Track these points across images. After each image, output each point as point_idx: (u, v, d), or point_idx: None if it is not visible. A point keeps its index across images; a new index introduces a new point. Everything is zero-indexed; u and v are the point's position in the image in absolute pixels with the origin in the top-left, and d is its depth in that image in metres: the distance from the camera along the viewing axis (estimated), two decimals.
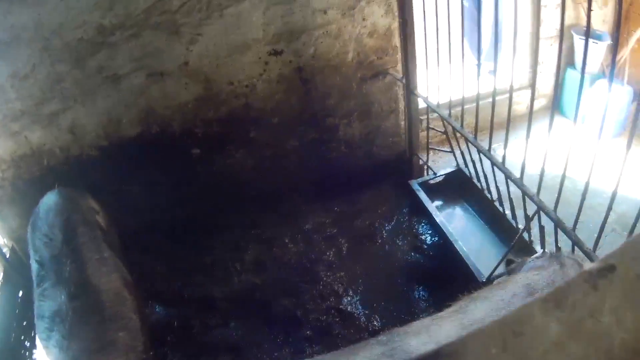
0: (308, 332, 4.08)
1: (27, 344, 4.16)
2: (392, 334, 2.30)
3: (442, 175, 4.78)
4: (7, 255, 4.65)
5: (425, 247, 4.53)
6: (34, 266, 3.37)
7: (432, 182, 4.79)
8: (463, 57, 3.72)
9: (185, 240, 5.04)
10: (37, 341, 3.04)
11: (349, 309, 4.18)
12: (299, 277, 4.52)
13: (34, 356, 3.23)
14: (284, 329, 4.14)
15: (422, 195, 4.57)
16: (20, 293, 4.57)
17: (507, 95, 3.36)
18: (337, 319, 4.13)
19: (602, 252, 2.93)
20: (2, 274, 4.55)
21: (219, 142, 4.81)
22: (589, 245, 2.93)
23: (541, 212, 3.19)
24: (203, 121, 4.65)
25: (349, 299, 4.28)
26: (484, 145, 3.72)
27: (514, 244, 3.39)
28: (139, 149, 4.61)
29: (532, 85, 3.11)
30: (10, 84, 4.00)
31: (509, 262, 3.22)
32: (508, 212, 3.95)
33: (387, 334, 2.31)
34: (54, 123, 4.29)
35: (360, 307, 4.20)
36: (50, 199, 3.65)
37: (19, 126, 4.19)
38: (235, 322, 4.29)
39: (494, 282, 3.30)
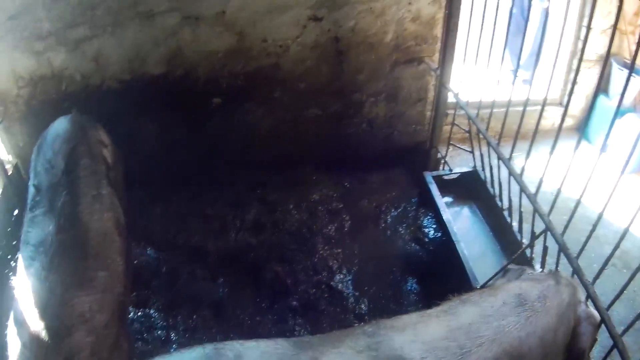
0: (294, 303, 4.11)
1: (13, 264, 4.20)
2: (378, 326, 2.31)
3: (457, 173, 4.82)
4: (9, 172, 4.72)
5: (426, 240, 4.56)
6: (31, 190, 3.40)
7: (446, 177, 4.83)
8: (502, 62, 3.75)
9: (189, 188, 5.09)
10: (19, 265, 3.08)
11: (339, 287, 4.22)
12: (296, 246, 4.55)
13: (12, 281, 3.22)
14: (271, 295, 4.19)
15: (434, 189, 4.60)
16: (16, 212, 4.63)
17: (535, 107, 3.37)
18: (326, 295, 4.17)
19: (601, 285, 2.97)
20: (0, 190, 4.61)
21: (242, 97, 4.84)
22: (588, 275, 2.96)
23: (548, 232, 3.22)
24: (230, 73, 4.68)
25: (341, 277, 4.31)
26: (505, 152, 3.74)
27: (514, 258, 3.40)
28: (161, 89, 4.65)
29: (566, 105, 3.12)
30: (41, 3, 4.02)
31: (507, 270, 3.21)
32: (515, 224, 3.97)
33: (374, 326, 2.32)
34: (79, 49, 4.31)
35: (351, 287, 4.23)
36: (60, 125, 3.65)
37: (43, 46, 4.23)
38: (223, 278, 4.33)
39: (487, 286, 3.30)
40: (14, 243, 4.41)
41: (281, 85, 4.79)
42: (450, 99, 4.60)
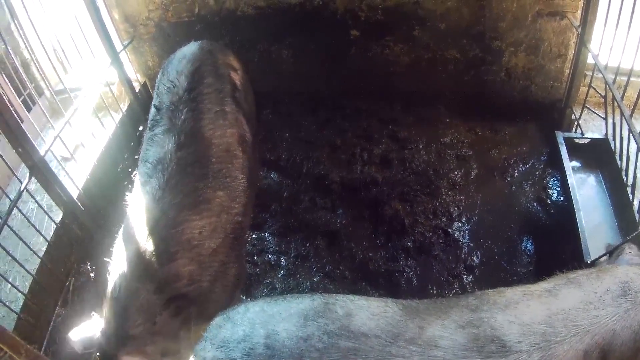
0: (409, 244, 4.54)
1: (134, 176, 4.67)
2: (482, 300, 2.52)
3: (588, 138, 5.07)
4: (137, 90, 5.36)
5: (549, 202, 4.81)
6: (152, 110, 3.72)
7: (577, 140, 5.08)
8: None
9: (320, 116, 5.63)
10: (136, 182, 3.42)
11: (455, 235, 4.61)
12: (420, 187, 4.96)
13: (126, 195, 3.49)
14: (387, 232, 4.65)
15: (563, 151, 4.87)
16: (141, 128, 5.27)
17: None
18: (441, 241, 4.57)
19: None
20: (126, 107, 5.23)
21: (380, 31, 5.26)
22: None
23: None
24: (368, 6, 5.11)
25: (459, 225, 4.71)
26: (637, 125, 3.90)
27: (626, 240, 3.51)
28: (296, 18, 5.13)
29: None
30: None
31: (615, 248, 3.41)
32: (636, 202, 4.10)
33: (478, 298, 2.54)
34: None
35: (467, 237, 4.61)
36: (188, 48, 4.00)
37: None
38: (343, 209, 4.84)
39: (596, 264, 3.56)
40: (136, 157, 5.01)
41: (421, 23, 5.15)
42: (590, 60, 4.73)
